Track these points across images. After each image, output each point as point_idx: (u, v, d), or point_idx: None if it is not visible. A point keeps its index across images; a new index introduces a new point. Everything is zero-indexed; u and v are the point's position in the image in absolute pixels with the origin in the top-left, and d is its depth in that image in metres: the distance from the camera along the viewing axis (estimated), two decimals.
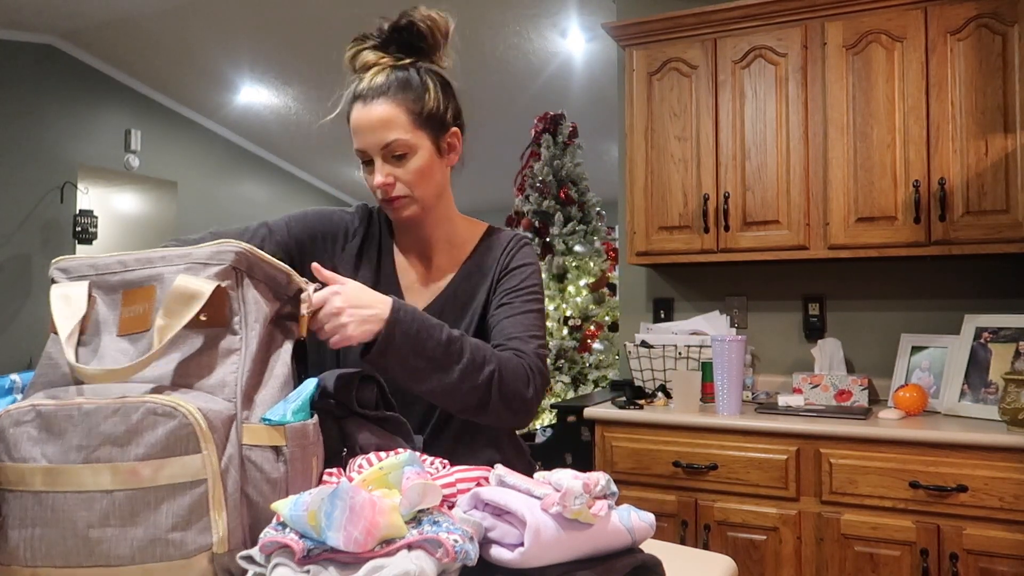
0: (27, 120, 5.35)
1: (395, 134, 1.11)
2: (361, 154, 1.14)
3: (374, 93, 1.11)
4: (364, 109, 1.11)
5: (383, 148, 1.11)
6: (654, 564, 0.77)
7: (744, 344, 2.21)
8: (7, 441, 0.69)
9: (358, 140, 1.12)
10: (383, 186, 1.12)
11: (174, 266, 0.78)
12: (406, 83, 1.13)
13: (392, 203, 1.14)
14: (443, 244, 1.25)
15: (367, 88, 1.12)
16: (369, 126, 1.11)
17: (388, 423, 0.92)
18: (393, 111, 1.11)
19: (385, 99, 1.11)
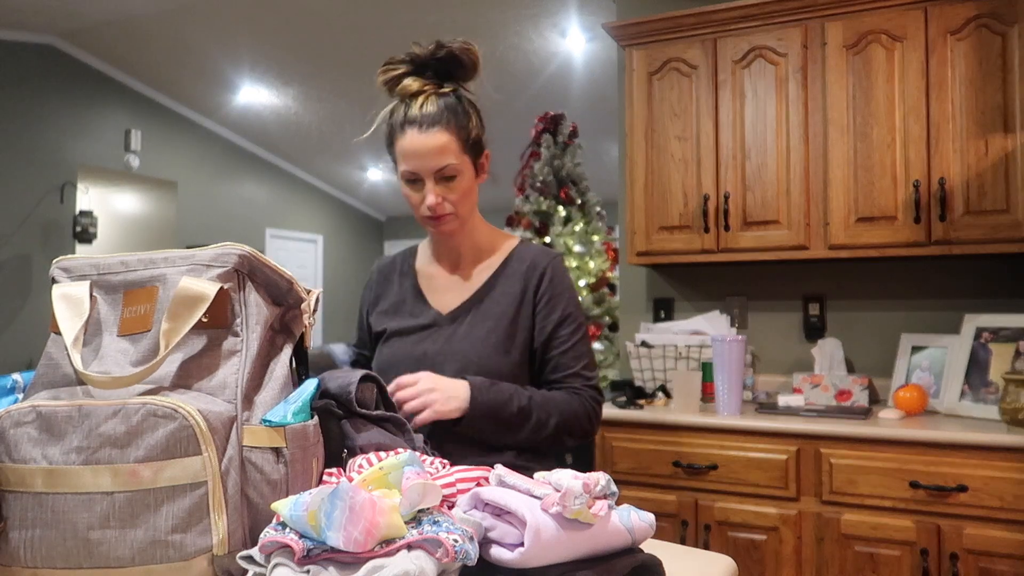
0: (27, 120, 5.36)
1: (448, 159, 1.22)
2: (411, 175, 1.24)
3: (430, 121, 1.21)
4: (421, 136, 1.21)
5: (436, 171, 1.23)
6: (654, 564, 0.77)
7: (744, 344, 2.21)
8: (7, 442, 0.69)
9: (411, 163, 1.22)
10: (434, 206, 1.24)
11: (177, 267, 0.78)
12: (455, 111, 1.24)
13: (439, 220, 1.27)
14: (471, 252, 1.38)
15: (422, 116, 1.22)
16: (426, 152, 1.21)
17: (388, 423, 0.92)
18: (447, 138, 1.22)
19: (440, 127, 1.21)
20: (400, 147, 1.23)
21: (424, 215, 1.27)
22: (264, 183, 7.77)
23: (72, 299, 0.79)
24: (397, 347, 1.34)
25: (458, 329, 1.31)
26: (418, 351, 1.31)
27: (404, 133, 1.22)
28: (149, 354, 0.76)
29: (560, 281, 1.34)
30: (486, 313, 1.31)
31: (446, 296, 1.36)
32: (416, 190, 1.26)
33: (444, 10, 4.66)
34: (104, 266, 0.81)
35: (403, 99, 1.25)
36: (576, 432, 1.29)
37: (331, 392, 0.88)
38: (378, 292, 1.44)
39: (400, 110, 1.25)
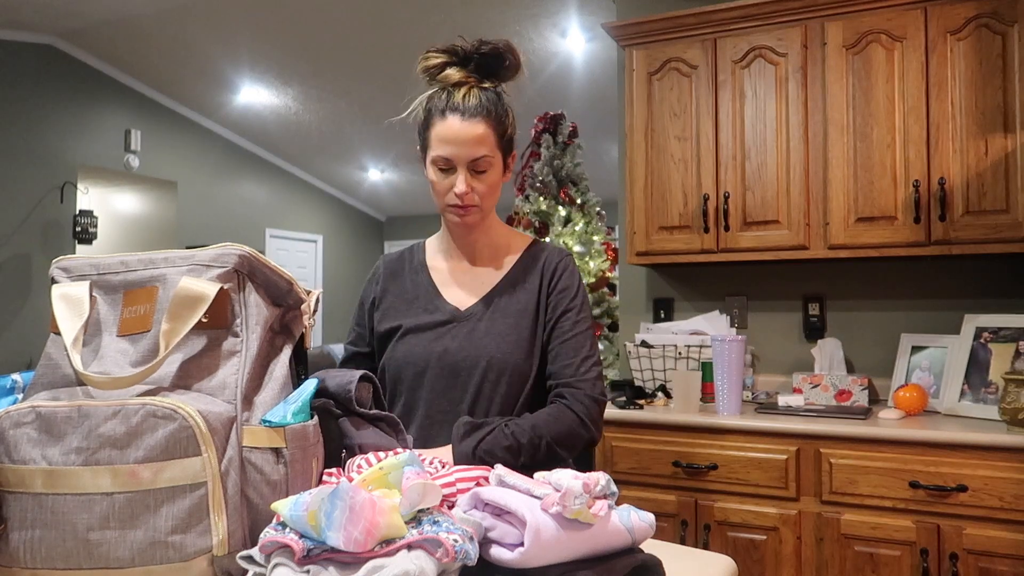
0: (27, 120, 5.35)
1: (484, 151, 1.23)
2: (444, 161, 1.23)
3: (473, 111, 1.22)
4: (462, 124, 1.21)
5: (471, 161, 1.23)
6: (654, 564, 0.77)
7: (744, 344, 2.21)
8: (7, 443, 0.69)
9: (448, 149, 1.22)
10: (463, 195, 1.23)
11: (177, 267, 0.78)
12: (497, 107, 1.25)
13: (465, 210, 1.26)
14: (487, 248, 1.36)
15: (465, 105, 1.22)
16: (465, 140, 1.21)
17: (383, 422, 0.92)
18: (486, 131, 1.23)
19: (481, 119, 1.22)
20: (437, 132, 1.23)
21: (450, 203, 1.26)
22: (264, 183, 7.77)
23: (72, 299, 0.79)
24: (414, 344, 1.30)
25: (478, 325, 1.29)
26: (438, 347, 1.28)
27: (444, 119, 1.23)
28: (149, 354, 0.76)
29: (572, 278, 1.34)
30: (505, 310, 1.29)
31: (461, 292, 1.34)
32: (445, 177, 1.25)
33: (444, 10, 4.66)
34: (104, 266, 0.81)
35: (444, 87, 1.26)
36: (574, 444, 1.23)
37: (330, 391, 0.88)
38: (385, 287, 1.40)
39: (441, 97, 1.25)
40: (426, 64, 1.27)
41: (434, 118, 1.24)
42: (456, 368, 1.26)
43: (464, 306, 1.31)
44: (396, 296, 1.37)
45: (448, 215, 1.29)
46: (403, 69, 5.66)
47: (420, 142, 1.29)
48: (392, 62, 5.44)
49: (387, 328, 1.36)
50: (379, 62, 5.47)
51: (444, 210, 1.29)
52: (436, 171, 1.26)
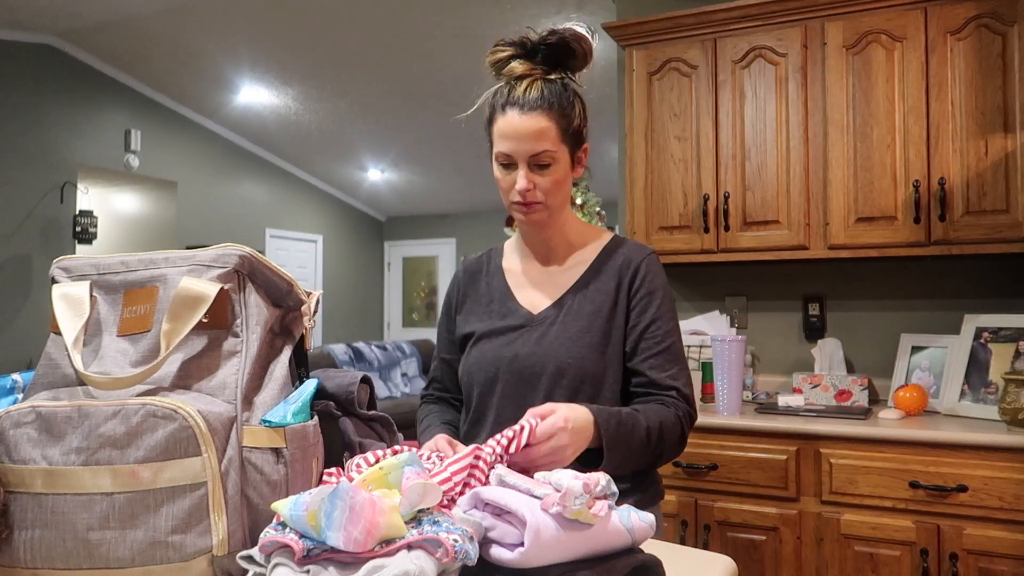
0: (27, 120, 5.36)
1: (545, 145, 1.18)
2: (505, 157, 1.20)
3: (532, 104, 1.18)
4: (521, 118, 1.18)
5: (531, 156, 1.19)
6: (654, 564, 0.77)
7: (744, 344, 2.21)
8: (7, 443, 0.69)
9: (508, 145, 1.19)
10: (524, 191, 1.20)
11: (177, 267, 0.78)
12: (560, 98, 1.21)
13: (528, 207, 1.22)
14: (562, 247, 1.32)
15: (525, 98, 1.18)
16: (525, 135, 1.18)
17: (377, 423, 0.92)
18: (547, 124, 1.18)
19: (542, 112, 1.18)
20: (498, 128, 1.21)
21: (514, 200, 1.22)
22: (264, 183, 7.77)
23: (72, 299, 0.79)
24: (486, 349, 1.28)
25: (550, 330, 1.25)
26: (508, 353, 1.25)
27: (504, 114, 1.19)
28: (149, 354, 0.76)
29: (656, 278, 1.28)
30: (579, 312, 1.25)
31: (536, 294, 1.30)
32: (507, 174, 1.22)
33: (444, 10, 4.66)
34: (104, 266, 0.81)
35: (508, 81, 1.22)
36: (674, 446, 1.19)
37: (329, 392, 0.89)
38: (465, 292, 1.37)
39: (504, 91, 1.21)
40: (494, 58, 1.23)
41: (496, 114, 1.22)
42: (526, 374, 1.23)
43: (538, 309, 1.28)
44: (474, 301, 1.35)
45: (514, 213, 1.25)
46: (403, 69, 5.68)
47: (488, 138, 1.26)
48: (393, 62, 5.44)
49: (464, 333, 1.34)
50: (379, 62, 5.47)
51: (509, 208, 1.25)
52: (499, 168, 1.23)
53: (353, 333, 8.86)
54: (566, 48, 1.22)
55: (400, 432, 0.97)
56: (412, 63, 5.41)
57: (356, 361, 6.42)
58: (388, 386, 6.57)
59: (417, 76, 5.60)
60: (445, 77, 5.52)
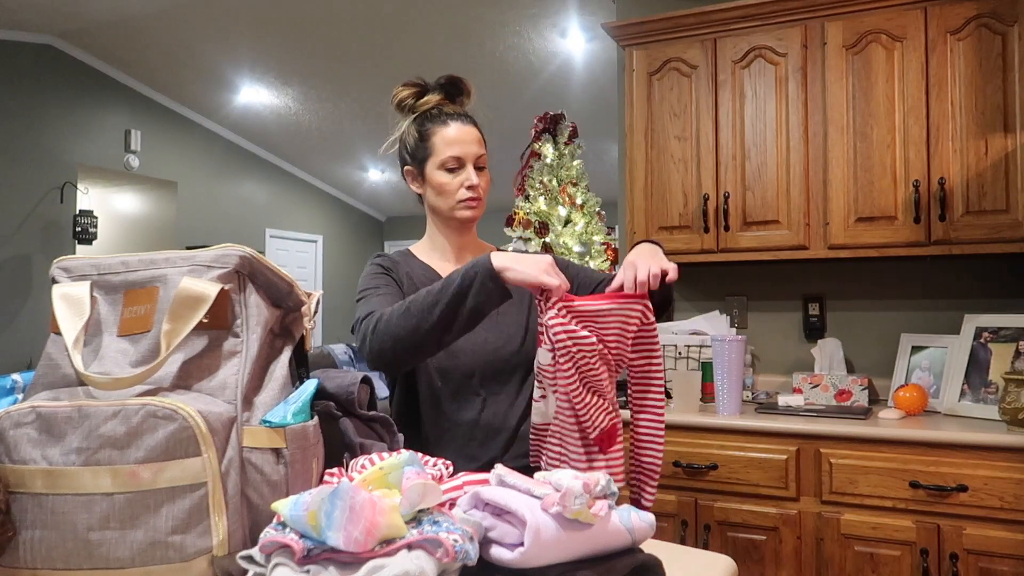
0: (27, 120, 5.35)
1: (483, 150, 1.40)
2: (455, 160, 1.37)
3: (467, 119, 1.41)
4: (464, 128, 1.39)
5: (476, 158, 1.38)
6: (654, 564, 0.77)
7: (744, 344, 2.21)
8: (7, 443, 0.69)
9: (458, 148, 1.37)
10: (475, 187, 1.38)
11: (178, 267, 0.78)
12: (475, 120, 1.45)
13: (475, 202, 1.39)
14: (473, 251, 1.47)
15: (460, 115, 1.41)
16: (471, 139, 1.38)
17: (377, 423, 0.92)
18: (480, 136, 1.42)
19: (473, 126, 1.41)
20: (443, 137, 1.37)
21: (462, 198, 1.37)
22: (264, 183, 7.77)
23: (72, 299, 0.79)
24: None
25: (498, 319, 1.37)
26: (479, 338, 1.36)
27: (447, 125, 1.38)
28: (149, 354, 0.76)
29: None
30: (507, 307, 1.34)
31: None
32: (455, 176, 1.38)
33: (444, 11, 4.66)
34: (104, 266, 0.81)
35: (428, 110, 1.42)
36: None
37: (329, 392, 0.89)
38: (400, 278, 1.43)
39: (433, 112, 1.41)
40: (400, 96, 1.44)
41: (433, 128, 1.39)
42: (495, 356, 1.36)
43: None
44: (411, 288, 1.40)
45: (459, 212, 1.39)
46: (403, 69, 5.67)
47: (419, 156, 1.40)
48: (392, 62, 5.44)
49: None
50: (379, 62, 5.47)
51: (454, 209, 1.39)
52: (444, 173, 1.38)
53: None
54: (459, 86, 1.45)
55: (400, 432, 0.97)
56: (412, 63, 5.41)
57: (356, 361, 6.42)
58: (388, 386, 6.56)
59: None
60: None
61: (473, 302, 1.14)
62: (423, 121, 1.41)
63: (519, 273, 1.12)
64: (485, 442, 1.34)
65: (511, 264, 1.13)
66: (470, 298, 1.14)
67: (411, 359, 1.23)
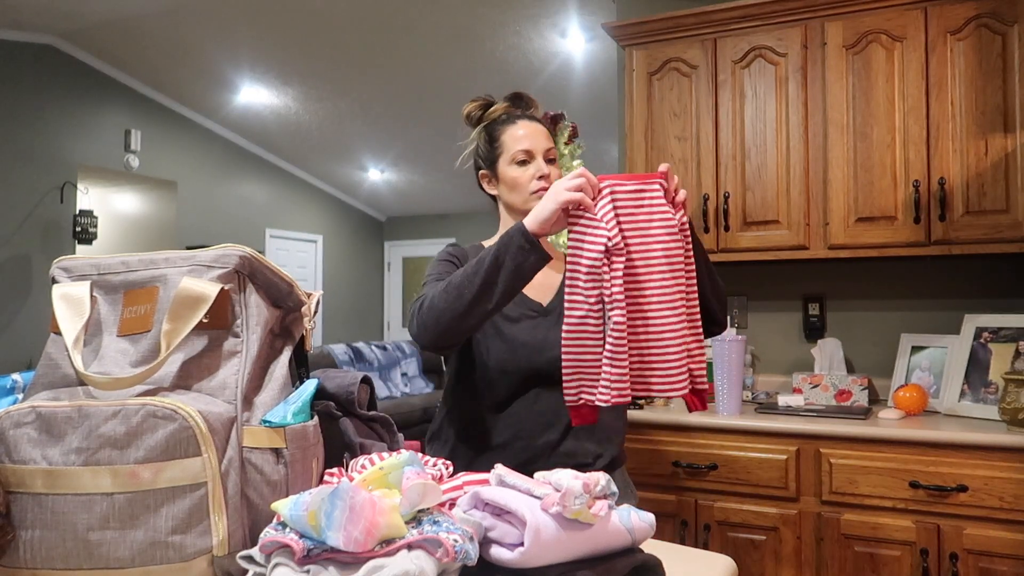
0: (27, 120, 5.35)
1: (551, 143, 1.46)
2: (525, 154, 1.43)
3: (533, 117, 1.49)
4: (531, 124, 1.46)
5: (546, 152, 1.45)
6: (654, 564, 0.77)
7: (744, 344, 2.21)
8: (7, 443, 0.69)
9: (527, 142, 1.44)
10: (547, 176, 1.42)
11: (178, 267, 0.78)
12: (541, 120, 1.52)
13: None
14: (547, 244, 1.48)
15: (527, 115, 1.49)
16: (539, 134, 1.45)
17: (377, 423, 0.92)
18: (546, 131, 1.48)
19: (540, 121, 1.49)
20: (511, 134, 1.45)
21: (536, 188, 1.42)
22: (264, 183, 7.76)
23: (72, 299, 0.79)
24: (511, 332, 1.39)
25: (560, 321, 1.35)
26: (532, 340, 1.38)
27: (516, 124, 1.46)
28: (149, 354, 0.76)
29: None
30: None
31: (536, 286, 1.45)
32: (526, 168, 1.43)
33: (444, 10, 4.66)
34: (105, 266, 0.81)
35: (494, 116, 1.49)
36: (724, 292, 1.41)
37: (329, 392, 0.89)
38: None
39: (501, 116, 1.49)
40: (468, 110, 1.53)
41: (503, 128, 1.46)
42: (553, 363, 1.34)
43: (545, 300, 1.44)
44: None
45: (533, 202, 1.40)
46: (403, 69, 5.67)
47: (491, 157, 1.47)
48: (393, 62, 5.44)
49: None
50: (379, 62, 5.47)
51: (528, 200, 1.42)
52: (516, 167, 1.44)
53: (353, 333, 8.85)
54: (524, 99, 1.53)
55: (400, 432, 0.97)
56: (412, 63, 5.41)
57: (356, 361, 6.42)
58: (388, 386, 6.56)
59: (417, 76, 5.60)
60: (445, 77, 5.52)
61: (511, 264, 1.14)
62: (492, 126, 1.48)
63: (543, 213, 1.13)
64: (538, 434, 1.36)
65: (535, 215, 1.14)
66: (508, 260, 1.14)
67: (456, 333, 1.21)
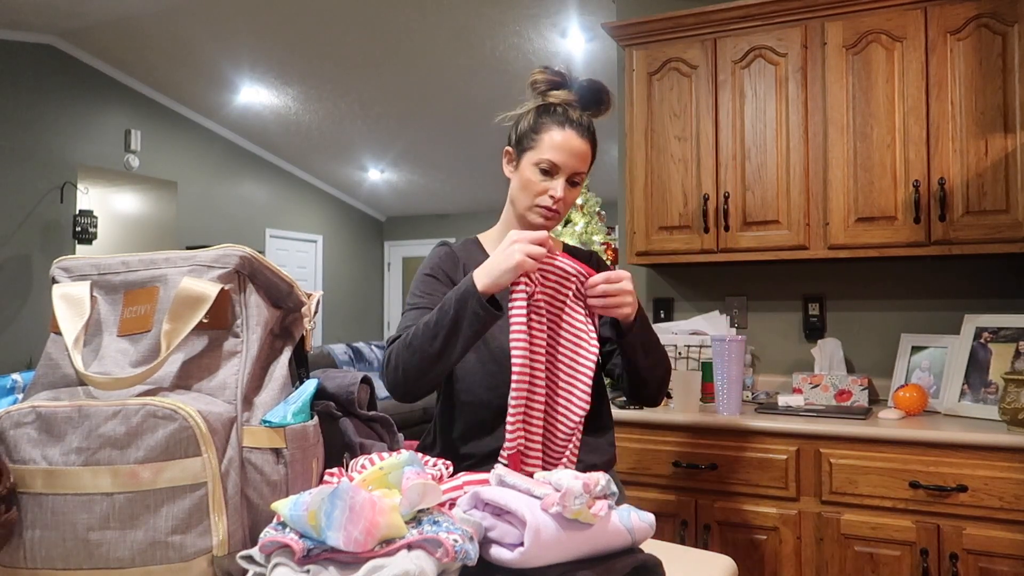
0: (27, 120, 5.35)
1: (584, 167, 1.36)
2: (551, 165, 1.34)
3: (585, 131, 1.36)
4: (577, 139, 1.34)
5: (573, 173, 1.35)
6: (654, 564, 0.77)
7: (744, 344, 2.21)
8: (7, 443, 0.69)
9: (560, 156, 1.33)
10: (558, 200, 1.34)
11: (178, 268, 0.78)
12: (595, 134, 1.40)
13: (554, 214, 1.37)
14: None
15: (582, 123, 1.36)
16: (576, 153, 1.34)
17: (377, 423, 0.92)
18: (589, 152, 1.37)
19: (589, 140, 1.36)
20: (551, 138, 1.33)
21: (542, 204, 1.35)
22: (264, 183, 7.77)
23: (72, 299, 0.79)
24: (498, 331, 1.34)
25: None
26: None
27: (563, 129, 1.34)
28: (149, 354, 0.76)
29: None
30: None
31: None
32: (545, 180, 1.35)
33: (444, 10, 4.66)
34: (105, 266, 0.81)
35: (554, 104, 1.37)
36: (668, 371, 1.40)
37: (329, 392, 0.89)
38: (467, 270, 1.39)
39: (558, 109, 1.36)
40: (535, 78, 1.39)
41: (550, 125, 1.34)
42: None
43: None
44: None
45: (531, 216, 1.37)
46: (403, 69, 5.67)
47: (524, 143, 1.37)
48: (393, 62, 5.44)
49: None
50: (379, 62, 5.47)
51: (529, 209, 1.36)
52: (538, 172, 1.35)
53: (353, 333, 8.85)
54: (599, 94, 1.38)
55: (400, 432, 0.97)
56: (412, 63, 5.41)
57: (356, 361, 6.42)
58: None
59: (417, 76, 5.60)
60: (445, 77, 5.52)
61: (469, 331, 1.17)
62: (543, 113, 1.36)
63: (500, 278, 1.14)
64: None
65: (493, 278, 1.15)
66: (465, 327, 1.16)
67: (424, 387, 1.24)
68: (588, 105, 1.38)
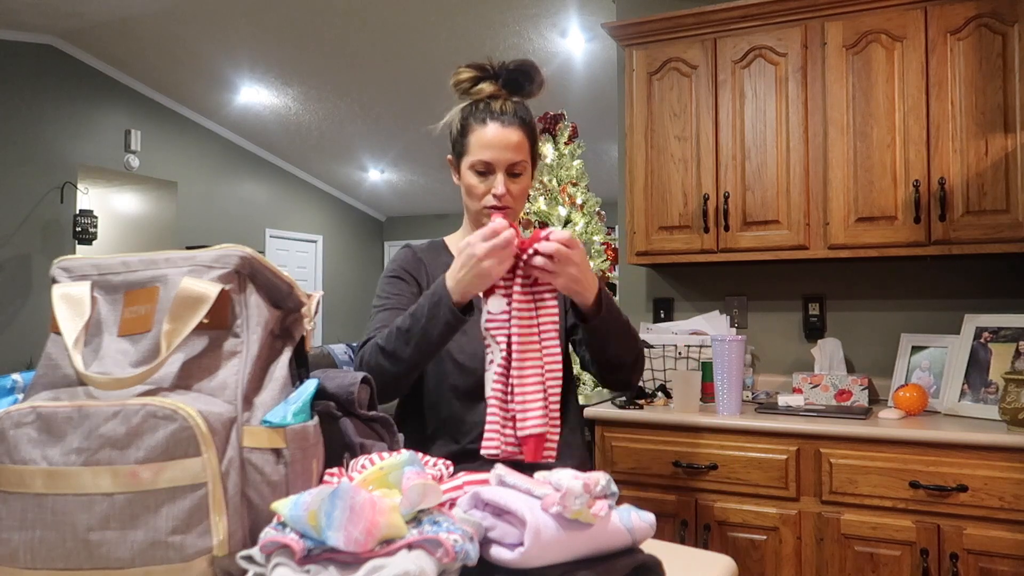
0: (27, 120, 5.36)
1: (520, 156, 1.32)
2: (485, 165, 1.32)
3: (511, 120, 1.32)
4: (503, 130, 1.31)
5: (510, 165, 1.32)
6: (654, 564, 0.77)
7: (744, 344, 2.21)
8: (7, 443, 0.69)
9: (488, 154, 1.31)
10: (502, 196, 1.31)
11: (178, 268, 0.78)
12: (529, 118, 1.36)
13: (502, 211, 1.32)
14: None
15: (504, 114, 1.31)
16: (506, 145, 1.31)
17: (377, 423, 0.92)
18: (523, 138, 1.33)
19: (518, 127, 1.32)
20: (478, 138, 1.31)
21: (488, 204, 1.32)
22: (264, 183, 7.77)
23: (73, 299, 0.79)
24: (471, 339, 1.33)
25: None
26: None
27: (485, 126, 1.31)
28: (149, 355, 0.76)
29: None
30: None
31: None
32: (483, 180, 1.33)
33: (444, 10, 4.66)
34: (105, 266, 0.81)
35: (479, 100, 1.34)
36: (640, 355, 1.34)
37: (330, 392, 0.89)
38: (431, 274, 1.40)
39: (479, 107, 1.33)
40: (458, 78, 1.35)
41: (473, 125, 1.32)
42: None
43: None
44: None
45: (483, 218, 1.34)
46: (403, 69, 5.67)
47: (458, 149, 1.36)
48: (392, 62, 5.44)
49: None
50: (379, 63, 5.47)
51: (480, 213, 1.34)
52: (474, 175, 1.33)
53: (353, 333, 8.86)
54: (527, 75, 1.33)
55: (400, 432, 0.97)
56: (412, 63, 5.41)
57: None
58: None
59: (417, 76, 5.60)
60: (445, 77, 5.51)
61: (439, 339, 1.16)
62: (470, 113, 1.34)
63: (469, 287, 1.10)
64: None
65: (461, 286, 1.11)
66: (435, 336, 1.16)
67: (398, 389, 1.24)
68: (517, 89, 1.34)
